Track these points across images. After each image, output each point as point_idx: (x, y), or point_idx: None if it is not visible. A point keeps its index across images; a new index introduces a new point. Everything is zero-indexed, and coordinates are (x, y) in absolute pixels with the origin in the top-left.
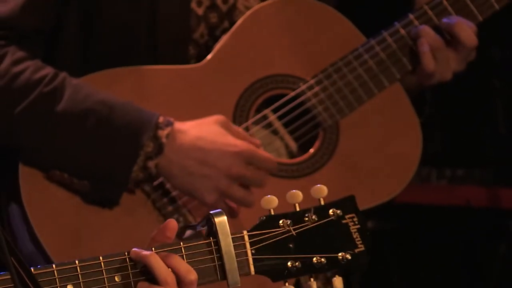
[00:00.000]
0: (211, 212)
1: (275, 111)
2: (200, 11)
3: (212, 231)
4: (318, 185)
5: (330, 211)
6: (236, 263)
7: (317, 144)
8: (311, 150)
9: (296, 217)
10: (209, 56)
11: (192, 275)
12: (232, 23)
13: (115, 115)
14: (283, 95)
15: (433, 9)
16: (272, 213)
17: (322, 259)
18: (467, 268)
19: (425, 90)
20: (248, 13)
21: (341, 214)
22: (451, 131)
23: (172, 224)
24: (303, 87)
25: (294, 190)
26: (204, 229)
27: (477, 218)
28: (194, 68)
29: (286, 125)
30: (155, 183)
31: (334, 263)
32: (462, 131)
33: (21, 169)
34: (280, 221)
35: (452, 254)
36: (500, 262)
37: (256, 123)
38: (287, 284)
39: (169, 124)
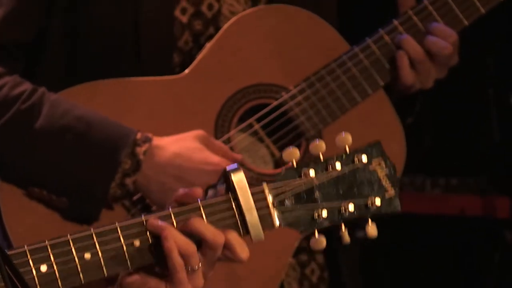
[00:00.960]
0: (227, 168)
1: (258, 120)
2: (184, 18)
3: (230, 187)
4: (343, 133)
5: (355, 158)
6: (257, 217)
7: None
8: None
9: (320, 166)
10: (191, 66)
11: (220, 238)
12: (217, 29)
13: (93, 131)
14: (266, 105)
15: (418, 15)
16: (294, 164)
17: (350, 207)
18: (462, 277)
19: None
20: (230, 21)
21: (367, 160)
22: (445, 139)
23: (198, 191)
24: (286, 96)
25: (317, 141)
26: (223, 187)
27: (472, 227)
28: (176, 79)
29: (270, 135)
30: (135, 197)
31: (363, 210)
32: (456, 139)
33: (0, 185)
34: (302, 171)
35: (446, 263)
36: (495, 271)
37: (240, 132)
38: (316, 235)
39: (147, 140)
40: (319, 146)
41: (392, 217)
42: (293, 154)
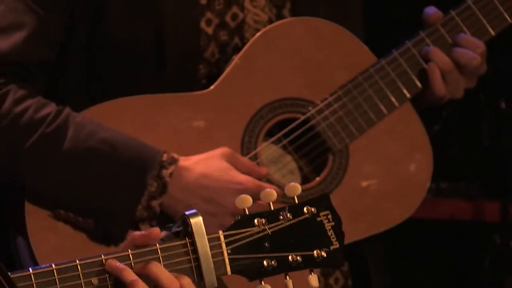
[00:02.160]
0: (186, 213)
1: (285, 135)
2: (210, 30)
3: (188, 232)
4: (292, 183)
5: (305, 209)
6: (212, 263)
7: (326, 170)
8: (317, 179)
9: (271, 216)
10: (217, 81)
11: (175, 284)
12: (242, 39)
13: (118, 154)
14: (293, 119)
15: (445, 26)
16: (247, 212)
17: (298, 257)
18: (452, 282)
19: None
20: (257, 35)
21: (315, 211)
22: (435, 145)
23: (156, 232)
24: (313, 111)
25: (268, 189)
26: (179, 230)
27: (462, 231)
28: (202, 95)
29: (297, 149)
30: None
31: (309, 261)
32: (446, 144)
33: (26, 206)
34: (255, 220)
35: (437, 268)
36: (485, 276)
37: (267, 147)
38: (263, 283)
39: (173, 162)
40: (270, 195)
41: None
42: (246, 202)
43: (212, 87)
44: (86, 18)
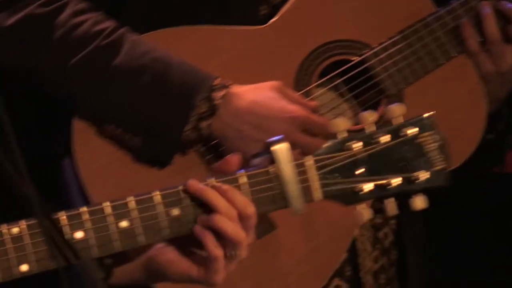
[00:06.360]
0: (269, 140)
1: (340, 75)
2: None
3: (272, 159)
4: (396, 103)
5: (406, 130)
6: (299, 189)
7: (377, 113)
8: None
9: (367, 138)
10: (275, 18)
11: (249, 208)
12: None
13: (171, 73)
14: (349, 61)
15: None
16: (341, 136)
17: (396, 181)
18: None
19: (503, 105)
20: None
21: (417, 132)
22: None
23: (236, 158)
24: (369, 53)
25: (368, 111)
26: (267, 157)
27: None
28: (259, 30)
29: (350, 90)
30: (210, 144)
31: (409, 183)
32: None
33: (75, 125)
34: (350, 143)
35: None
36: None
37: (320, 86)
38: (357, 208)
39: (225, 86)
40: (369, 116)
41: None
42: (340, 125)
43: (270, 22)
44: None
